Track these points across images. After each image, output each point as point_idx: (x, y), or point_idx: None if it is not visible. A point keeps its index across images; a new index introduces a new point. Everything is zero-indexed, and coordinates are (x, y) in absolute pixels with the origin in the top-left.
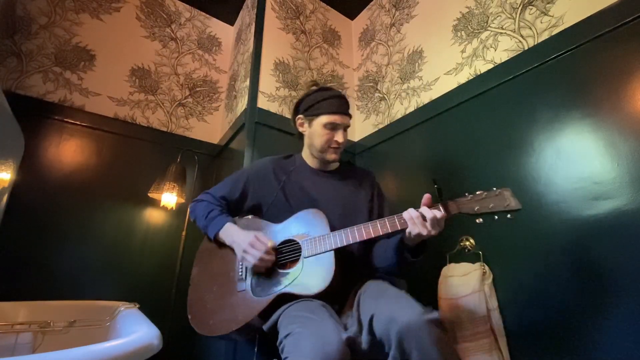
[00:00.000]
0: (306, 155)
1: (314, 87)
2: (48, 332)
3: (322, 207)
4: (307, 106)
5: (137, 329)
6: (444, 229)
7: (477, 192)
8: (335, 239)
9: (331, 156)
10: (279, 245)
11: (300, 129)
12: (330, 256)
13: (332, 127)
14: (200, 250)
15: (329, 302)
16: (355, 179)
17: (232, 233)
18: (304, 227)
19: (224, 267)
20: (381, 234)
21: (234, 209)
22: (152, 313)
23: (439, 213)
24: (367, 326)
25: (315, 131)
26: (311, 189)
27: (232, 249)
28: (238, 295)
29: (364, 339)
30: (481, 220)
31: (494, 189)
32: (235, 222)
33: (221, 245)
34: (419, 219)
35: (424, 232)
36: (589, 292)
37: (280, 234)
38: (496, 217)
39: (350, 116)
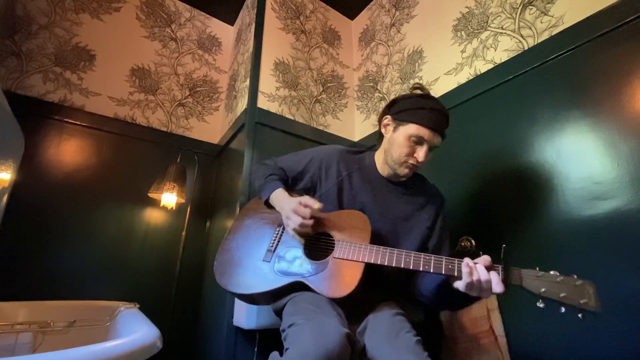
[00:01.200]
0: (379, 158)
1: (417, 91)
2: (48, 332)
3: (376, 217)
4: (401, 109)
5: (137, 329)
6: None
7: (552, 272)
8: (371, 254)
9: (404, 171)
10: (315, 234)
11: (383, 130)
12: (359, 268)
13: (418, 141)
14: (247, 206)
15: (339, 305)
16: (422, 197)
17: (281, 199)
18: (347, 227)
19: (260, 232)
20: (421, 269)
21: (290, 184)
22: (152, 313)
23: (498, 287)
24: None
25: (397, 138)
26: (368, 195)
27: (272, 220)
28: (262, 264)
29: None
30: (542, 305)
31: (575, 276)
32: (285, 188)
33: (266, 210)
34: (477, 282)
35: (475, 294)
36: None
37: (320, 225)
38: (563, 309)
39: (443, 137)
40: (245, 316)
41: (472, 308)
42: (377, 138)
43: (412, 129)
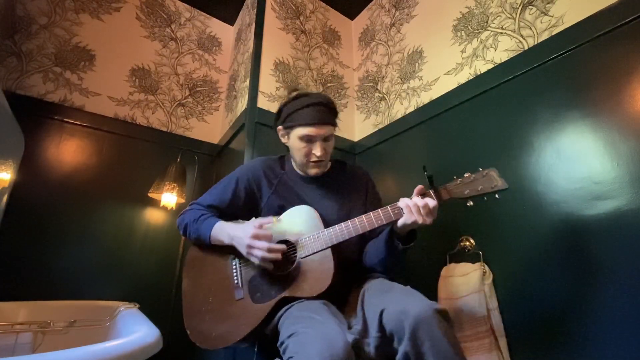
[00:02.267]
0: (295, 163)
1: (293, 94)
2: (48, 332)
3: (323, 215)
4: (285, 117)
5: (137, 329)
6: (445, 226)
7: (465, 175)
8: (330, 235)
9: (312, 170)
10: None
11: (282, 140)
12: (328, 255)
13: (308, 139)
14: (188, 259)
15: (330, 301)
16: (348, 180)
17: (227, 229)
18: (297, 226)
19: (216, 275)
20: (376, 225)
21: (228, 214)
22: (152, 313)
23: (432, 202)
24: (377, 321)
25: (293, 144)
26: (303, 195)
27: (222, 256)
28: (237, 304)
29: (372, 337)
30: (472, 203)
31: (480, 169)
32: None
33: (210, 252)
34: (415, 207)
35: (420, 221)
36: (589, 292)
37: (274, 236)
38: (485, 198)
39: (332, 124)
40: None
41: (472, 308)
42: (285, 150)
43: (298, 131)
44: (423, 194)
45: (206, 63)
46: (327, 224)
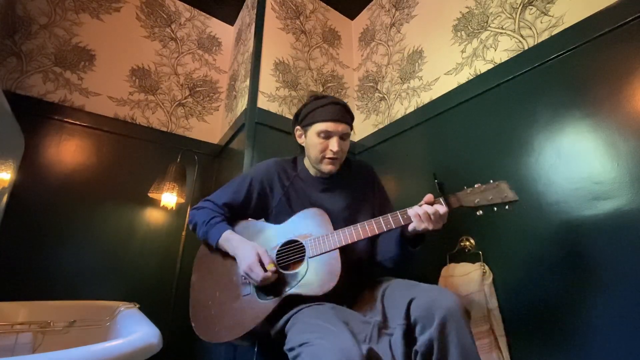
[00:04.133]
0: (307, 163)
1: (312, 97)
2: (48, 332)
3: (334, 215)
4: (303, 116)
5: (137, 329)
6: (445, 227)
7: (476, 185)
8: (340, 237)
9: (327, 167)
10: (281, 246)
11: (299, 141)
12: (336, 255)
13: (326, 135)
14: (199, 255)
15: (337, 302)
16: (356, 177)
17: (233, 243)
18: (306, 227)
19: (225, 271)
20: (385, 230)
21: (240, 213)
22: (152, 313)
23: (442, 208)
24: (405, 310)
25: (310, 141)
26: (314, 196)
27: (229, 255)
28: (243, 299)
29: (398, 325)
30: (481, 212)
31: (491, 181)
32: (233, 228)
33: (221, 250)
34: (425, 215)
35: (430, 227)
36: (589, 292)
37: (282, 235)
38: (495, 208)
39: (348, 124)
40: None
41: (472, 308)
42: (299, 151)
43: (317, 127)
44: (432, 203)
45: (206, 63)
46: (336, 224)
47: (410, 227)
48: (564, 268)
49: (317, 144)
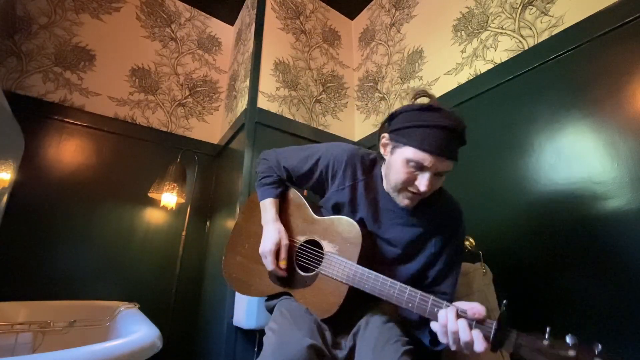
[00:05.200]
0: (385, 180)
1: (419, 100)
2: (48, 332)
3: (378, 243)
4: (399, 126)
5: (137, 329)
6: None
7: (567, 340)
8: (356, 275)
9: (404, 202)
10: (306, 241)
11: (381, 149)
12: (344, 291)
13: (417, 167)
14: (249, 201)
15: (324, 321)
16: (436, 215)
17: (266, 216)
18: (337, 236)
19: (258, 230)
20: (403, 307)
21: (296, 182)
22: (152, 313)
23: (480, 344)
24: None
25: (394, 163)
26: (369, 211)
27: None
28: (258, 266)
29: None
30: None
31: (599, 346)
32: (281, 195)
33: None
34: (453, 335)
35: (453, 348)
36: (589, 292)
37: (315, 230)
38: None
39: (454, 159)
40: (245, 316)
41: None
42: (379, 157)
43: (409, 152)
44: (481, 321)
45: (206, 63)
46: (379, 257)
47: (432, 327)
48: (564, 268)
49: (401, 172)
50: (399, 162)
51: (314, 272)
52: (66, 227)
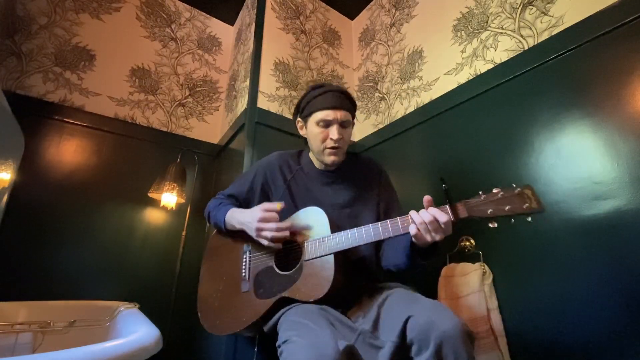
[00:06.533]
0: (312, 156)
1: (310, 87)
2: (48, 332)
3: (329, 209)
4: (303, 107)
5: (137, 329)
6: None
7: (494, 191)
8: (335, 241)
9: (329, 158)
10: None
11: (301, 132)
12: (330, 261)
13: (325, 123)
14: (208, 246)
15: (332, 305)
16: (361, 172)
17: (236, 215)
18: (305, 227)
19: (229, 266)
20: (383, 237)
21: (245, 206)
22: (152, 313)
23: (442, 216)
24: (400, 328)
25: (310, 132)
26: (316, 190)
27: (237, 247)
28: (242, 296)
29: (389, 342)
30: (495, 225)
31: (514, 185)
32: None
33: (227, 242)
34: (422, 225)
35: (427, 238)
36: (589, 292)
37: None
38: (512, 220)
39: (349, 110)
40: None
41: (472, 308)
42: (304, 144)
43: (316, 116)
44: (436, 207)
45: (206, 63)
46: (338, 220)
47: (412, 237)
48: (563, 268)
49: (317, 134)
50: (313, 128)
51: (297, 265)
52: (66, 227)
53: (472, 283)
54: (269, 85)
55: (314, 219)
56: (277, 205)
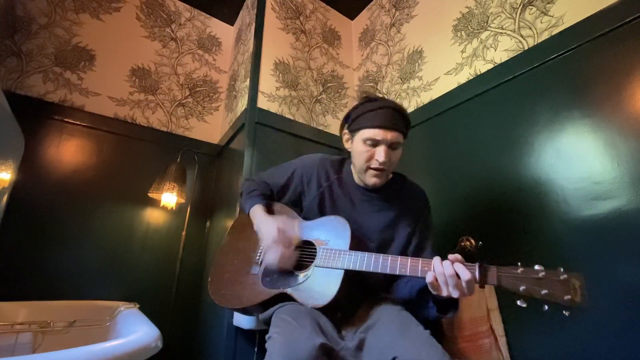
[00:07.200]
0: (353, 169)
1: (364, 98)
2: (48, 332)
3: (357, 227)
4: (352, 120)
5: (137, 329)
6: (445, 226)
7: (535, 267)
8: (349, 260)
9: (371, 180)
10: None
11: (346, 146)
12: (338, 277)
13: (373, 143)
14: (235, 223)
15: (330, 312)
16: (404, 200)
17: (257, 216)
18: (326, 233)
19: (248, 245)
20: (397, 274)
21: (276, 197)
22: (152, 313)
23: (466, 274)
24: None
25: (356, 148)
26: (347, 205)
27: None
28: (250, 277)
29: None
30: (525, 305)
31: (561, 270)
32: (267, 205)
33: (252, 224)
34: (441, 276)
35: (443, 292)
36: (589, 292)
37: (303, 233)
38: (546, 307)
39: (401, 132)
40: (245, 316)
41: (472, 308)
42: (348, 157)
43: (364, 133)
44: (464, 264)
45: (206, 63)
46: (366, 243)
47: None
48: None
49: (362, 152)
50: (359, 145)
51: (308, 268)
52: (66, 227)
53: None
54: (269, 85)
55: (337, 229)
56: (294, 241)
